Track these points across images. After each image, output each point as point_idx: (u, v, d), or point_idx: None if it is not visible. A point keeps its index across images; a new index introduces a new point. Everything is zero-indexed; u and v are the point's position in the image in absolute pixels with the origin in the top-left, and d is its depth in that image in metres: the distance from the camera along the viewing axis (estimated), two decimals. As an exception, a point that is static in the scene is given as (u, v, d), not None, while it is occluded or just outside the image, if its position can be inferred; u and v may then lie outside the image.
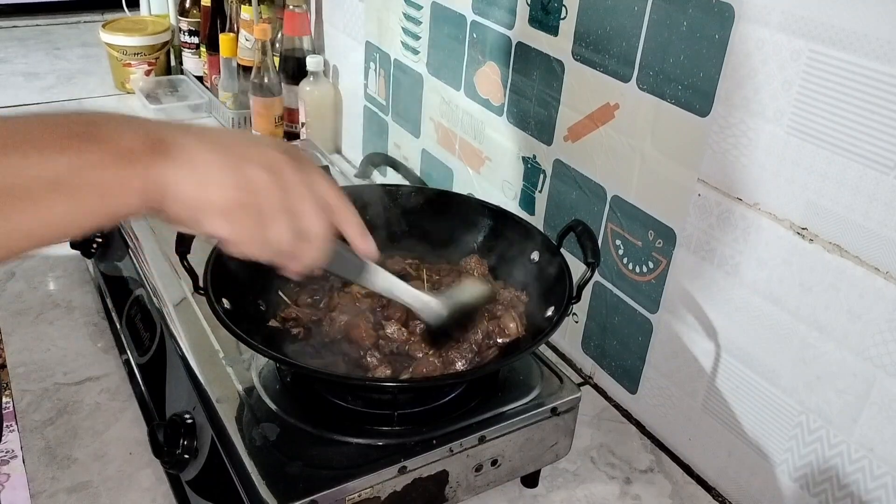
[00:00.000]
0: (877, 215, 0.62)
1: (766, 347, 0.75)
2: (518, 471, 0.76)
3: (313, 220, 0.52)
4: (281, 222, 0.50)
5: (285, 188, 0.50)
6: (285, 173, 0.50)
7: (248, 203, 0.49)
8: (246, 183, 0.48)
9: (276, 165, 0.50)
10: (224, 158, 0.48)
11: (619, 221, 0.89)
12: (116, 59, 1.69)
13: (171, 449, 0.73)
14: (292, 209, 0.51)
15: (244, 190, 0.48)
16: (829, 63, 0.63)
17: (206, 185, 0.47)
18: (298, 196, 0.51)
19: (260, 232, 0.50)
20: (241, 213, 0.49)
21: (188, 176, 0.47)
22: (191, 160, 0.47)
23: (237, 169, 0.48)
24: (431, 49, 1.16)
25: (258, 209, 0.49)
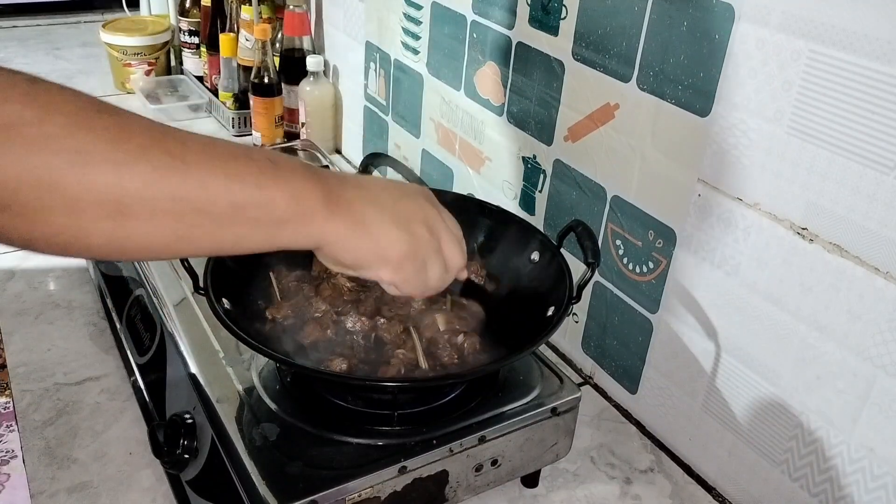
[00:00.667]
0: (877, 215, 0.62)
1: (766, 347, 0.75)
2: (518, 471, 0.76)
3: (455, 256, 0.61)
4: (436, 265, 0.59)
5: (438, 237, 0.59)
6: (436, 225, 0.59)
7: (413, 254, 0.57)
8: (412, 238, 0.57)
9: (429, 219, 0.59)
10: (392, 218, 0.56)
11: (620, 221, 0.89)
12: (116, 59, 1.69)
13: (171, 449, 0.73)
14: (443, 253, 0.60)
15: (411, 245, 0.57)
16: (829, 63, 0.63)
17: (381, 243, 0.55)
18: (445, 242, 0.60)
19: (421, 276, 0.59)
20: (407, 263, 0.57)
21: (361, 234, 0.54)
22: (362, 219, 0.54)
23: (405, 228, 0.56)
24: (431, 49, 1.16)
25: (422, 260, 0.58)
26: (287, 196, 0.49)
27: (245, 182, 0.47)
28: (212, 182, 0.46)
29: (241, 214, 0.48)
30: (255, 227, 0.49)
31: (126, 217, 0.43)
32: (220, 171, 0.47)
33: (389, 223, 0.55)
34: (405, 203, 0.58)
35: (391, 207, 0.57)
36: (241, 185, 0.47)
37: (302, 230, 0.51)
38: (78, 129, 0.41)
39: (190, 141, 0.46)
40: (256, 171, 0.48)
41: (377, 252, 0.55)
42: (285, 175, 0.50)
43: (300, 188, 0.50)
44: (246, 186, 0.47)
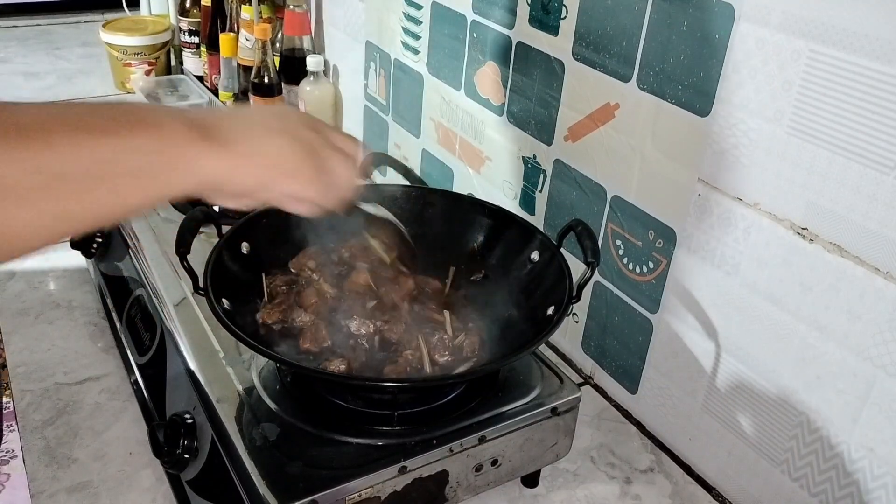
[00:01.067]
0: (877, 215, 0.62)
1: (766, 347, 0.75)
2: (518, 471, 0.76)
3: (350, 144, 0.61)
4: (337, 158, 0.58)
5: (324, 133, 0.58)
6: (315, 123, 0.59)
7: (311, 157, 0.56)
8: (303, 142, 0.56)
9: (307, 120, 0.59)
10: (271, 131, 0.55)
11: (620, 221, 0.89)
12: (116, 59, 1.69)
13: (171, 449, 0.73)
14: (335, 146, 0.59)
15: (300, 147, 0.56)
16: (829, 63, 0.63)
17: (274, 158, 0.54)
18: (332, 135, 0.59)
19: (325, 176, 0.57)
20: (307, 168, 0.56)
21: (254, 156, 0.53)
22: (249, 144, 0.53)
23: (287, 135, 0.56)
24: (431, 49, 1.16)
25: (319, 158, 0.57)
26: (155, 138, 0.47)
27: (107, 133, 0.45)
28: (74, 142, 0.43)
29: (112, 169, 0.45)
30: (133, 179, 0.46)
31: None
32: (81, 130, 0.44)
33: (271, 135, 0.55)
34: (278, 116, 0.58)
35: (267, 123, 0.56)
36: (104, 138, 0.45)
37: (183, 170, 0.49)
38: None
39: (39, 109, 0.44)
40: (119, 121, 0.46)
41: (270, 165, 0.54)
42: (148, 118, 0.48)
43: (167, 127, 0.48)
44: (109, 138, 0.45)
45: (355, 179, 0.61)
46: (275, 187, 0.55)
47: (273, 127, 0.56)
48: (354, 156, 0.61)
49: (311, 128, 0.58)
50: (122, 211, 0.48)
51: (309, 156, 0.56)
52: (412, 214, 0.90)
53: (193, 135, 0.49)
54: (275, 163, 0.54)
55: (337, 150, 0.59)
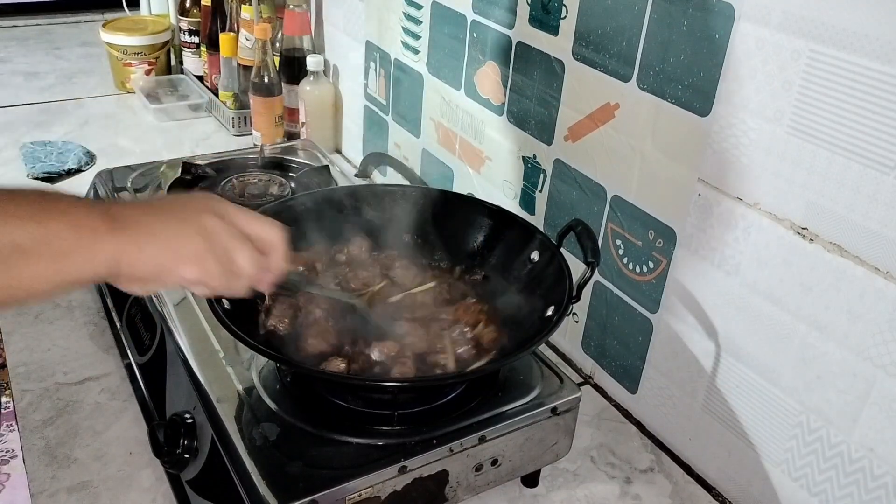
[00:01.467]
0: (877, 215, 0.62)
1: (766, 347, 0.75)
2: (518, 470, 0.76)
3: (265, 229, 0.60)
4: (242, 249, 0.58)
5: (234, 223, 0.58)
6: (227, 211, 0.59)
7: (211, 244, 0.56)
8: (204, 229, 0.56)
9: (217, 209, 0.58)
10: (177, 219, 0.56)
11: (620, 221, 0.89)
12: (116, 59, 1.69)
13: (171, 449, 0.73)
14: (247, 236, 0.59)
15: (204, 235, 0.56)
16: (829, 63, 0.63)
17: (173, 242, 0.55)
18: (245, 225, 0.59)
19: (228, 265, 0.57)
20: (208, 255, 0.56)
21: (152, 240, 0.54)
22: (149, 228, 0.54)
23: (192, 222, 0.56)
24: (432, 49, 1.16)
25: (222, 246, 0.57)
26: (68, 225, 0.50)
27: (22, 219, 0.48)
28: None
29: (25, 255, 0.48)
30: (44, 263, 0.49)
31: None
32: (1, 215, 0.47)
33: (176, 224, 0.56)
34: (187, 204, 0.59)
35: (175, 212, 0.57)
36: (19, 223, 0.47)
37: (92, 256, 0.51)
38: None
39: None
40: (32, 208, 0.49)
41: (172, 254, 0.55)
42: (62, 207, 0.51)
43: (79, 216, 0.51)
44: (25, 223, 0.48)
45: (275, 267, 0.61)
46: (172, 273, 0.56)
47: (176, 214, 0.57)
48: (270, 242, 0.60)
49: (217, 214, 0.57)
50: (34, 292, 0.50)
51: (207, 243, 0.56)
52: (412, 214, 0.90)
53: (99, 222, 0.51)
54: (172, 248, 0.55)
55: (243, 239, 0.58)
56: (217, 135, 1.56)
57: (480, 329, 0.77)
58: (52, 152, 1.39)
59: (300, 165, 1.20)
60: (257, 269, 0.59)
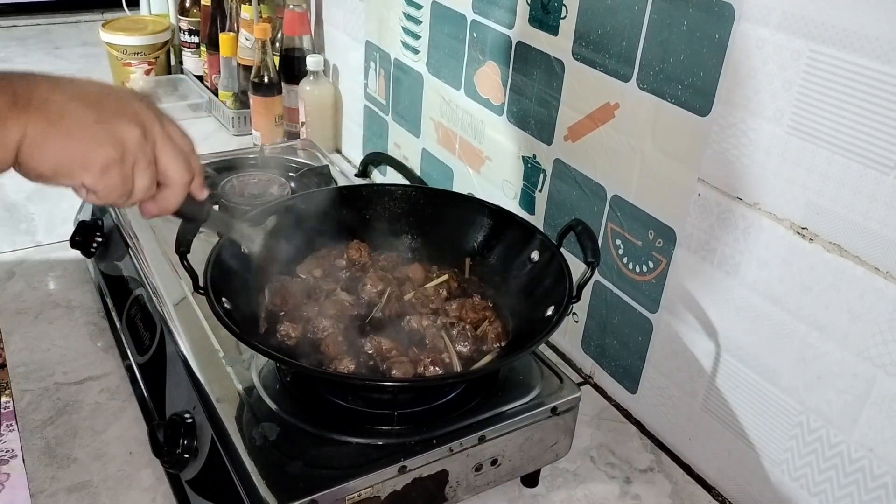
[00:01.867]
0: (877, 215, 0.62)
1: (766, 347, 0.75)
2: (518, 470, 0.76)
3: (175, 168, 0.55)
4: (145, 173, 0.53)
5: (153, 141, 0.53)
6: (151, 127, 0.53)
7: (121, 159, 0.51)
8: (120, 140, 0.51)
9: (144, 120, 0.53)
10: (96, 115, 0.50)
11: (619, 221, 0.89)
12: (116, 59, 1.69)
13: (171, 449, 0.73)
14: (158, 161, 0.54)
15: (118, 147, 0.51)
16: (829, 63, 0.63)
17: (82, 143, 0.50)
18: (162, 148, 0.54)
19: (128, 184, 0.53)
20: (114, 169, 0.51)
21: (59, 134, 0.49)
22: (63, 117, 0.49)
23: (111, 126, 0.51)
24: (431, 49, 1.16)
25: (131, 163, 0.52)
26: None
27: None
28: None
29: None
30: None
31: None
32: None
33: (93, 122, 0.50)
34: (114, 100, 0.53)
35: (97, 104, 0.51)
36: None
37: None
38: None
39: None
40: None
41: (78, 155, 0.50)
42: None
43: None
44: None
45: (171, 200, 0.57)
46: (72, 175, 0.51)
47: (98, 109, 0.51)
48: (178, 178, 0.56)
49: (139, 124, 0.52)
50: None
51: (118, 155, 0.51)
52: (412, 214, 0.90)
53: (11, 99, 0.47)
54: (80, 149, 0.50)
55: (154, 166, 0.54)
56: (217, 135, 1.56)
57: (485, 327, 0.77)
58: (51, 152, 1.39)
59: (300, 165, 1.20)
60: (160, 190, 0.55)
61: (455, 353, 0.74)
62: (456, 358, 0.73)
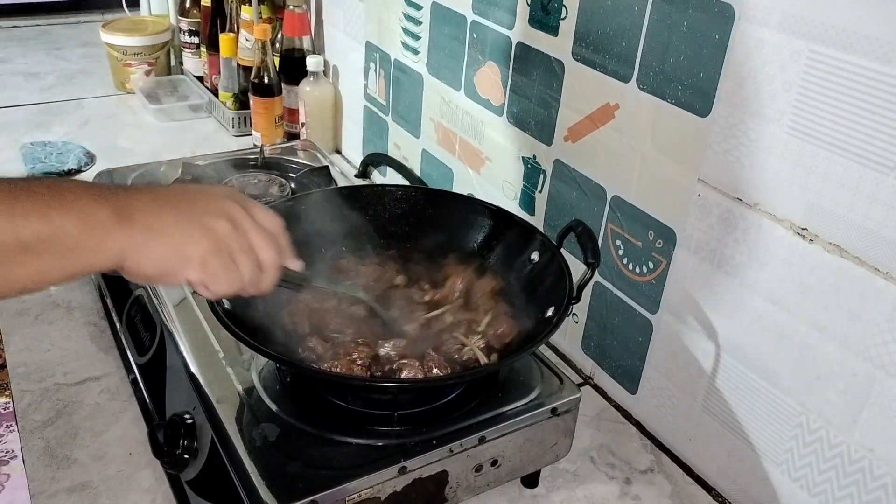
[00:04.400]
0: (877, 216, 0.62)
1: (766, 347, 0.75)
2: (518, 471, 0.76)
3: (267, 252, 0.59)
4: (245, 259, 0.58)
5: (242, 229, 0.58)
6: (238, 217, 0.58)
7: (217, 249, 0.56)
8: (212, 233, 0.56)
9: (230, 212, 0.57)
10: (187, 217, 0.55)
11: (619, 221, 0.89)
12: (116, 59, 1.69)
13: (171, 449, 0.73)
14: (251, 246, 0.58)
15: (211, 239, 0.56)
16: (829, 63, 0.63)
17: (179, 243, 0.54)
18: (253, 234, 0.58)
19: (230, 272, 0.57)
20: (213, 259, 0.56)
21: (156, 240, 0.53)
22: (158, 224, 0.54)
23: (201, 224, 0.56)
24: (431, 49, 1.16)
25: (227, 252, 0.57)
26: (75, 220, 0.49)
27: (29, 217, 0.48)
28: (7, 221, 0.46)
29: (33, 250, 0.48)
30: (52, 258, 0.49)
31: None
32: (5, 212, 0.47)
33: (186, 222, 0.55)
34: (202, 200, 0.58)
35: (187, 207, 0.56)
36: (25, 222, 0.47)
37: (99, 250, 0.51)
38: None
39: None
40: (40, 203, 0.48)
41: (177, 253, 0.54)
42: (70, 200, 0.50)
43: (88, 209, 0.50)
44: (31, 222, 0.48)
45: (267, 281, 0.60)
46: (176, 274, 0.56)
47: (187, 210, 0.56)
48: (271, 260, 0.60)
49: (228, 216, 0.57)
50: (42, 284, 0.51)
51: (214, 246, 0.56)
52: (412, 215, 0.90)
53: (106, 215, 0.51)
54: (178, 249, 0.55)
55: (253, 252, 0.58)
56: (217, 135, 1.56)
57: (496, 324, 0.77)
58: (51, 153, 1.39)
59: (300, 166, 1.20)
60: (259, 274, 0.59)
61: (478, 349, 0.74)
62: (479, 352, 0.73)
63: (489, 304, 0.80)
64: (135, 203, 0.53)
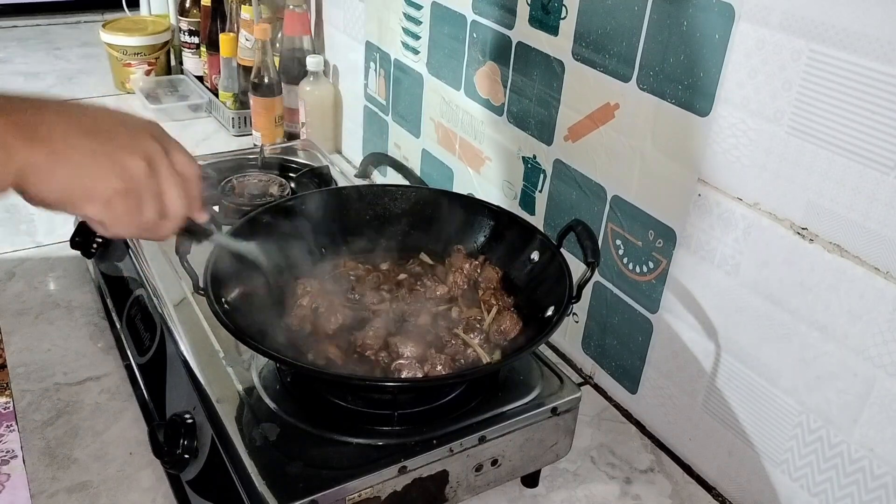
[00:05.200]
0: (877, 215, 0.62)
1: (766, 347, 0.75)
2: (518, 471, 0.76)
3: (176, 201, 0.56)
4: (151, 205, 0.54)
5: (157, 174, 0.54)
6: (156, 159, 0.54)
7: (126, 191, 0.52)
8: (125, 173, 0.52)
9: (150, 152, 0.54)
10: (103, 147, 0.51)
11: (620, 221, 0.89)
12: (116, 59, 1.69)
13: (171, 449, 0.73)
14: (161, 192, 0.55)
15: (124, 180, 0.52)
16: (829, 63, 0.63)
17: (87, 175, 0.50)
18: (166, 181, 0.55)
19: (134, 217, 0.54)
20: (119, 201, 0.52)
21: (64, 166, 0.49)
22: (67, 150, 0.49)
23: (117, 159, 0.51)
24: (431, 49, 1.16)
25: (136, 196, 0.53)
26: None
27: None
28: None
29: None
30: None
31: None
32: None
33: (100, 153, 0.50)
34: (121, 132, 0.53)
35: (105, 137, 0.52)
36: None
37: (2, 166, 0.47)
38: None
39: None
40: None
41: (83, 186, 0.50)
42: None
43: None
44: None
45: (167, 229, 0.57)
46: (77, 205, 0.52)
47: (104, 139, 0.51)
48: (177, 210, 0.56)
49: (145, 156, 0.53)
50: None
51: (124, 186, 0.52)
52: (412, 215, 0.90)
53: (12, 134, 0.47)
54: (85, 181, 0.50)
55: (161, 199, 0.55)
56: (217, 135, 1.56)
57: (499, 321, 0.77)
58: (51, 152, 1.39)
59: (300, 166, 1.20)
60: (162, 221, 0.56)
61: (479, 347, 0.74)
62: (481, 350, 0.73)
63: (491, 301, 0.80)
64: (43, 120, 0.49)
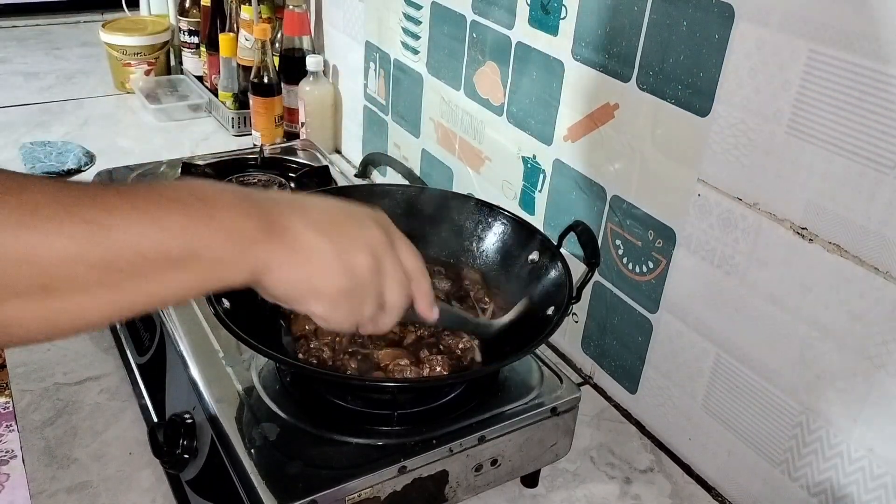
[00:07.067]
0: (877, 215, 0.62)
1: (766, 347, 0.75)
2: (518, 471, 0.76)
3: (396, 296, 0.55)
4: (372, 302, 0.54)
5: (382, 272, 0.54)
6: (383, 257, 0.54)
7: (351, 290, 0.52)
8: (352, 271, 0.51)
9: (376, 249, 0.53)
10: (333, 246, 0.51)
11: (619, 221, 0.89)
12: (116, 59, 1.69)
13: (171, 449, 0.73)
14: (383, 291, 0.55)
15: (349, 278, 0.51)
16: (828, 63, 0.63)
17: (316, 274, 0.50)
18: (389, 277, 0.54)
19: (356, 316, 0.54)
20: (343, 300, 0.52)
21: (298, 263, 0.50)
22: (302, 247, 0.49)
23: (345, 258, 0.51)
24: (431, 49, 1.16)
25: (362, 295, 0.53)
26: (223, 237, 0.46)
27: (173, 232, 0.44)
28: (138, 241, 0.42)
29: (178, 266, 0.44)
30: (195, 273, 0.45)
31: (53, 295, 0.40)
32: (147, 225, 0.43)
33: (331, 252, 0.51)
34: (349, 225, 0.53)
35: (335, 232, 0.52)
36: (170, 237, 0.43)
37: (242, 265, 0.47)
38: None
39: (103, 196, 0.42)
40: (185, 215, 0.44)
41: (311, 285, 0.51)
42: (218, 213, 0.46)
43: (235, 225, 0.46)
44: (176, 237, 0.44)
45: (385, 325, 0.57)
46: (302, 303, 0.52)
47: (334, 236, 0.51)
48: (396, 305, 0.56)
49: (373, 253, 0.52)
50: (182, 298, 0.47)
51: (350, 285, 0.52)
52: (412, 215, 0.90)
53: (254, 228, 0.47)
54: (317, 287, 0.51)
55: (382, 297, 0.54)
56: (217, 135, 1.56)
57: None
58: (51, 152, 1.39)
59: (300, 165, 1.20)
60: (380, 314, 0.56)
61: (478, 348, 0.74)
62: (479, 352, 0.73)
63: (485, 299, 0.80)
64: (282, 217, 0.49)
